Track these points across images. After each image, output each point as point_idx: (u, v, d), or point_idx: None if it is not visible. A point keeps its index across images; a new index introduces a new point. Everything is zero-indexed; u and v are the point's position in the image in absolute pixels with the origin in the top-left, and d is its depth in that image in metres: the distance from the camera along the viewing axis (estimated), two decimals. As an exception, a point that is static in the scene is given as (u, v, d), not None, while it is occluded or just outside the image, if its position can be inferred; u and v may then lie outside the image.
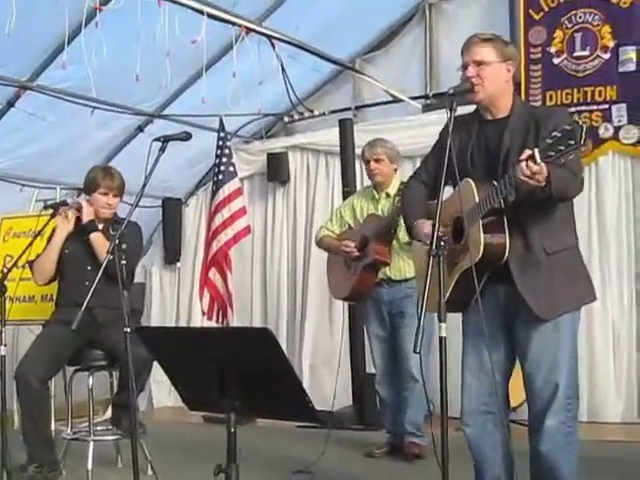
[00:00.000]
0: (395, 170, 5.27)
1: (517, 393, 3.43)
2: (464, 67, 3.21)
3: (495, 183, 3.01)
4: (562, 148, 2.70)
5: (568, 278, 3.14)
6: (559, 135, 2.70)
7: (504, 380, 3.29)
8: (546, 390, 3.13)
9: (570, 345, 3.18)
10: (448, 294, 3.05)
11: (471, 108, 3.35)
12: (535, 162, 2.76)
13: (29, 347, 4.64)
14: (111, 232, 4.70)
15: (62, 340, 4.55)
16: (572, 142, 2.68)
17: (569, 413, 3.15)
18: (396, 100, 7.05)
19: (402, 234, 4.99)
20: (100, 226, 4.75)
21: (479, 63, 3.17)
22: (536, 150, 2.76)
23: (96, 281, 3.67)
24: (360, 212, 5.31)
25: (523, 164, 2.80)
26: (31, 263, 4.82)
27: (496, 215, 3.07)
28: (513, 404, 3.48)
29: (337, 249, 5.22)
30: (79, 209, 4.73)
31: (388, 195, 5.19)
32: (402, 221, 4.85)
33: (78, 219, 4.74)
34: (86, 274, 4.59)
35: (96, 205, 4.75)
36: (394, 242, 5.05)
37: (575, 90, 6.40)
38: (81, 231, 4.72)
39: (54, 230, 4.80)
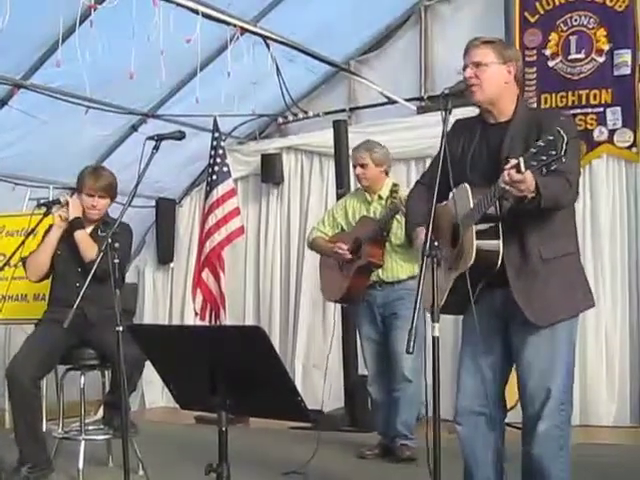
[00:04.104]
0: (386, 172, 5.24)
1: (511, 394, 3.42)
2: (464, 69, 3.21)
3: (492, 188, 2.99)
4: (544, 158, 2.69)
5: (564, 285, 3.13)
6: (542, 145, 2.70)
7: (500, 382, 3.28)
8: (539, 394, 3.13)
9: (566, 351, 3.19)
10: (445, 298, 3.07)
11: (469, 110, 3.34)
12: (519, 171, 2.75)
13: (21, 346, 4.62)
14: (99, 233, 4.68)
15: (54, 339, 4.53)
16: (553, 152, 2.67)
17: (562, 417, 3.14)
18: (391, 102, 7.05)
19: (394, 237, 5.00)
20: (89, 228, 4.72)
21: (478, 64, 3.17)
22: (521, 159, 2.75)
23: (87, 281, 3.67)
24: (352, 214, 5.29)
25: (506, 172, 2.80)
26: (24, 260, 4.80)
27: (491, 221, 3.05)
28: (508, 406, 3.46)
29: (330, 251, 5.19)
30: (65, 206, 4.67)
31: (380, 197, 5.17)
32: (395, 224, 4.90)
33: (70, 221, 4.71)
34: (76, 275, 4.56)
35: (83, 205, 4.72)
36: (386, 244, 5.04)
37: (570, 93, 6.41)
38: (72, 232, 4.68)
39: (50, 227, 4.77)
